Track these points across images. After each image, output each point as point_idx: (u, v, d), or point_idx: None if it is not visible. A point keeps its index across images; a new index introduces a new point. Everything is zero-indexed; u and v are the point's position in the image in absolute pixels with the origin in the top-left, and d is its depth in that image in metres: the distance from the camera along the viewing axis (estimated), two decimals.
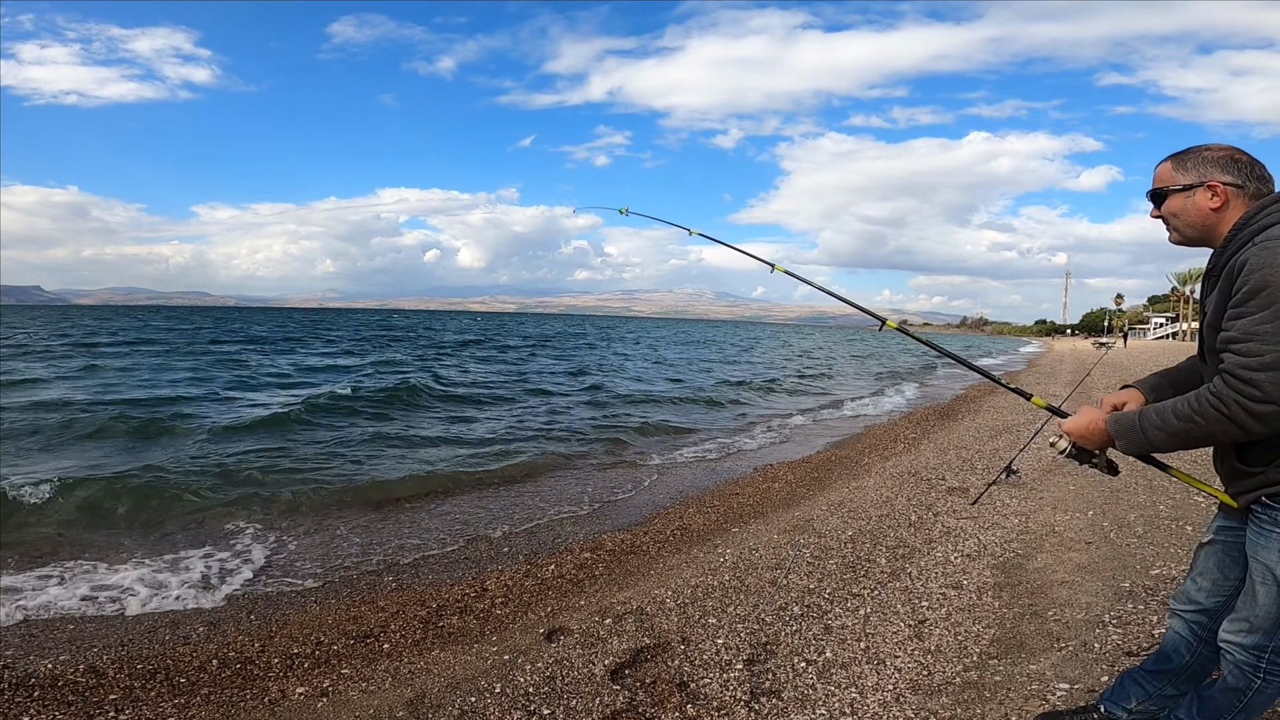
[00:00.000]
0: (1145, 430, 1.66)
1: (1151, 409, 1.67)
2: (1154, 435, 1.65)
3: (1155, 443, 1.65)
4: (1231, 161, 1.68)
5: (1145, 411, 1.68)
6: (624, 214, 4.05)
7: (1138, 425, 1.68)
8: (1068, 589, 3.49)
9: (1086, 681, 2.56)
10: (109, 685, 2.98)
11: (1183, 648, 1.98)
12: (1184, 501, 4.99)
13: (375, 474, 6.87)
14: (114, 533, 5.06)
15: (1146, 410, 1.68)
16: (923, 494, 5.72)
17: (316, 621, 3.62)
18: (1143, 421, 1.67)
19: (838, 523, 4.92)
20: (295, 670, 3.12)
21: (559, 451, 8.29)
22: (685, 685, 2.74)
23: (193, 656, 3.23)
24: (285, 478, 6.56)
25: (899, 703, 2.54)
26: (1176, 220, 1.75)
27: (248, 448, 7.87)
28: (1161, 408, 1.65)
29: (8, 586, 3.97)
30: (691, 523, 5.35)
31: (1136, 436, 1.68)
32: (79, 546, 4.70)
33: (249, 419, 9.74)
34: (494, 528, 5.31)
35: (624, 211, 4.04)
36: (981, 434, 9.02)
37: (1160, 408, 1.65)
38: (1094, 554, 4.01)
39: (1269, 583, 1.64)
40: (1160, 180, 1.77)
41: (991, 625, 3.15)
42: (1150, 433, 1.65)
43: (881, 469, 7.06)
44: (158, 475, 6.38)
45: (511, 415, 11.02)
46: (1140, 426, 1.67)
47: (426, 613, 3.69)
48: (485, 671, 2.91)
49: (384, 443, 8.53)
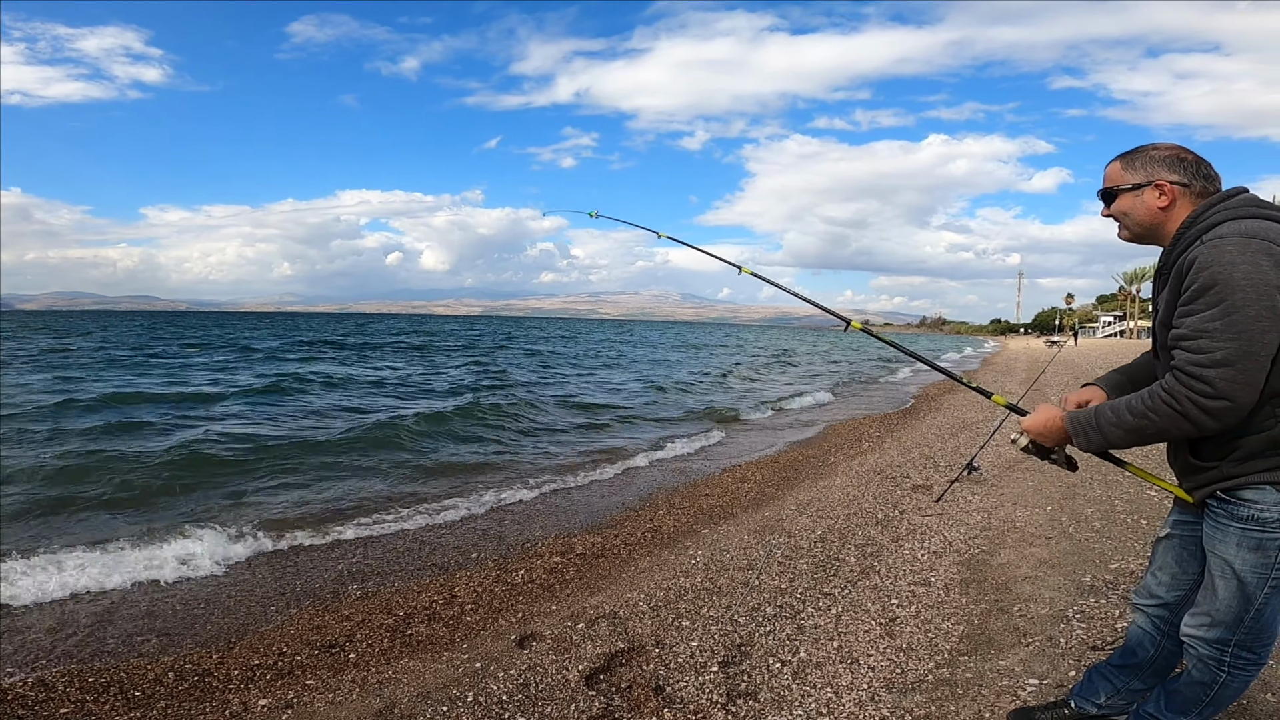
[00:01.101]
0: (1102, 427, 1.68)
1: (1107, 406, 1.69)
2: (1110, 432, 1.67)
3: (1112, 439, 1.67)
4: (1178, 160, 1.71)
5: (1101, 409, 1.70)
6: (593, 217, 4.04)
7: (1094, 423, 1.70)
8: (1031, 584, 3.56)
9: (1055, 676, 2.61)
10: (59, 699, 2.85)
11: (1146, 642, 2.02)
12: (1138, 496, 5.15)
13: (338, 479, 6.70)
14: (54, 539, 4.82)
15: (1102, 408, 1.70)
16: (888, 492, 5.81)
17: (278, 632, 3.50)
18: (1099, 419, 1.69)
19: (807, 522, 4.96)
20: (257, 682, 3.01)
21: (522, 455, 8.21)
22: (661, 689, 2.72)
23: (147, 669, 3.10)
24: (243, 483, 6.36)
25: (874, 701, 2.56)
26: (1126, 219, 1.78)
27: (198, 450, 7.61)
28: (1116, 405, 1.67)
29: None
30: (662, 525, 5.33)
31: (1093, 434, 1.70)
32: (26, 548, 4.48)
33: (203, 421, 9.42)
34: (461, 533, 5.22)
35: (594, 215, 4.02)
36: (943, 431, 9.21)
37: (1115, 405, 1.67)
38: (1054, 549, 4.11)
39: (1228, 576, 1.68)
40: (1110, 180, 1.80)
41: (960, 622, 3.20)
42: (1106, 430, 1.67)
43: (848, 468, 7.15)
44: (110, 480, 6.11)
45: (472, 419, 10.86)
46: (1096, 424, 1.69)
47: (394, 621, 3.60)
48: (457, 680, 2.85)
49: (341, 446, 8.33)
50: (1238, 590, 1.67)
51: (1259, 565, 1.64)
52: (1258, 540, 1.62)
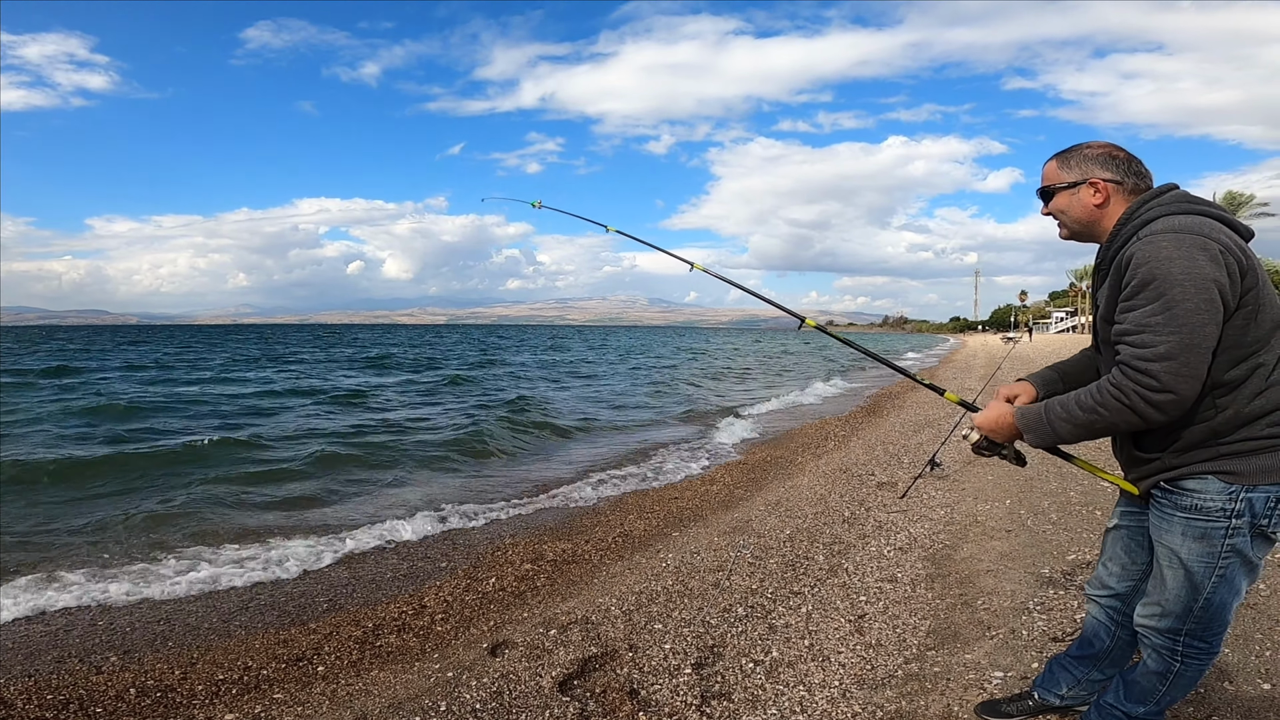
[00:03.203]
0: (1052, 423, 1.71)
1: (1056, 402, 1.73)
2: (1060, 427, 1.70)
3: (1062, 434, 1.71)
4: (1110, 158, 1.76)
5: (1051, 404, 1.73)
6: (536, 207, 3.75)
7: (1044, 418, 1.73)
8: (993, 578, 3.66)
9: (1019, 669, 2.69)
10: (19, 716, 2.77)
11: (1102, 632, 2.08)
12: (1092, 487, 5.33)
13: (300, 490, 6.57)
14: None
15: (1052, 403, 1.73)
16: (854, 490, 5.91)
17: (243, 646, 3.42)
18: (1049, 414, 1.72)
19: (776, 522, 5.02)
20: (222, 696, 2.94)
21: (490, 463, 8.14)
22: (636, 693, 2.72)
23: (108, 685, 3.01)
24: (202, 495, 6.19)
25: (846, 698, 2.60)
26: (1064, 216, 1.83)
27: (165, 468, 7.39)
28: (1065, 400, 1.70)
29: None
30: (632, 528, 5.34)
31: (1043, 429, 1.73)
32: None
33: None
34: (430, 543, 5.16)
35: (537, 205, 3.77)
36: (906, 429, 9.40)
37: (1064, 400, 1.71)
38: (1014, 542, 4.23)
39: (1175, 566, 1.72)
40: (1047, 179, 1.84)
41: (927, 617, 3.27)
42: (1057, 425, 1.71)
43: (814, 467, 7.25)
44: None
45: (432, 424, 10.73)
46: (1047, 419, 1.73)
47: (362, 632, 3.54)
48: (429, 690, 2.82)
49: (307, 459, 8.17)
50: (1185, 580, 1.71)
51: (1205, 554, 1.68)
52: (1202, 530, 1.67)
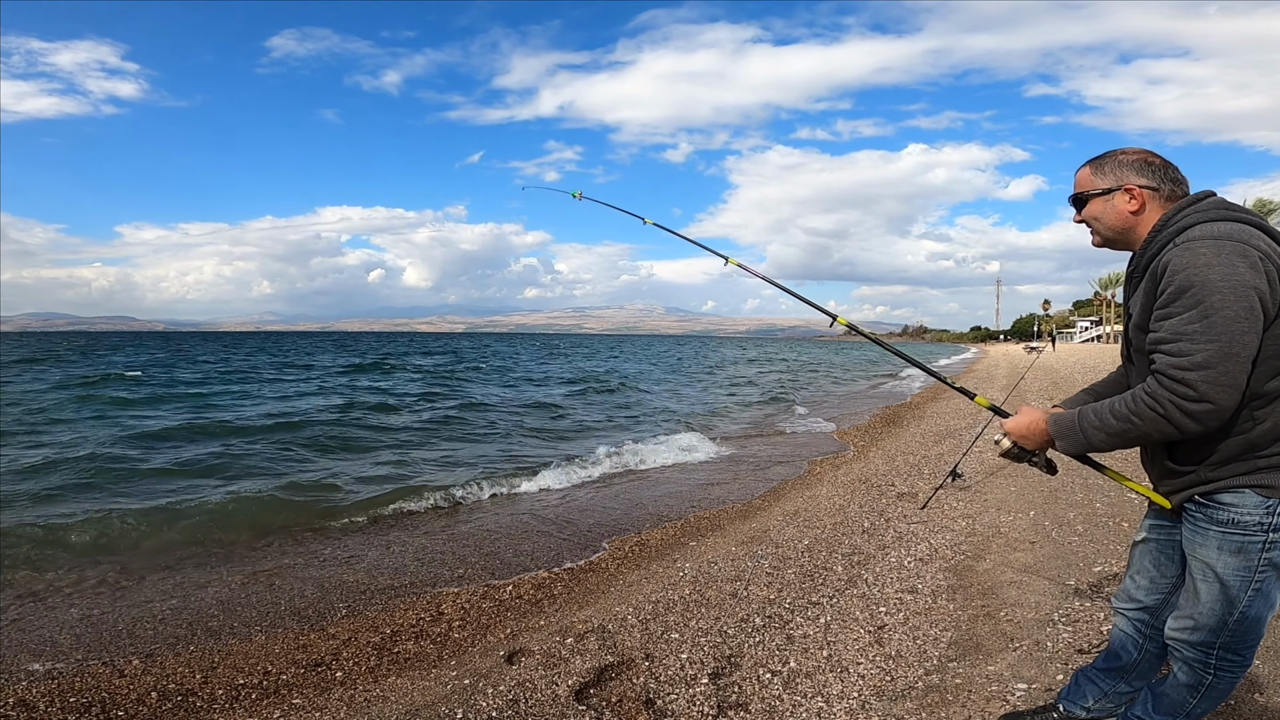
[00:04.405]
0: (1085, 430, 1.69)
1: (1090, 409, 1.69)
2: (1093, 435, 1.67)
3: (1094, 443, 1.68)
4: (1145, 164, 1.73)
5: (1084, 412, 1.70)
6: (577, 198, 3.79)
7: (1077, 425, 1.70)
8: (1017, 589, 3.60)
9: (1043, 680, 2.64)
10: (41, 718, 2.80)
11: (1129, 645, 2.03)
12: (1119, 499, 5.22)
13: (321, 498, 6.62)
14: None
15: (1085, 410, 1.70)
16: (874, 500, 5.84)
17: (263, 651, 3.44)
18: (1082, 422, 1.69)
19: (794, 532, 4.97)
20: (242, 701, 2.96)
21: (506, 472, 8.15)
22: (652, 702, 2.70)
23: (130, 689, 3.05)
24: (223, 499, 6.27)
25: (865, 710, 2.56)
26: (1097, 224, 1.80)
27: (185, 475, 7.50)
28: (1099, 408, 1.67)
29: None
30: (649, 538, 5.32)
31: (1076, 437, 1.71)
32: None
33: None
34: (447, 550, 5.18)
35: (577, 195, 3.82)
36: (926, 439, 9.29)
37: (1098, 408, 1.68)
38: (1038, 553, 4.15)
39: (1209, 580, 1.68)
40: (1080, 185, 1.82)
41: (948, 628, 3.22)
42: (1090, 433, 1.68)
43: (833, 477, 7.18)
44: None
45: (451, 435, 10.79)
46: (1080, 427, 1.70)
47: (380, 639, 3.56)
48: (445, 697, 2.82)
49: (323, 468, 8.24)
50: (1220, 593, 1.67)
51: (1241, 568, 1.64)
52: (1239, 544, 1.63)
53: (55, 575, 4.51)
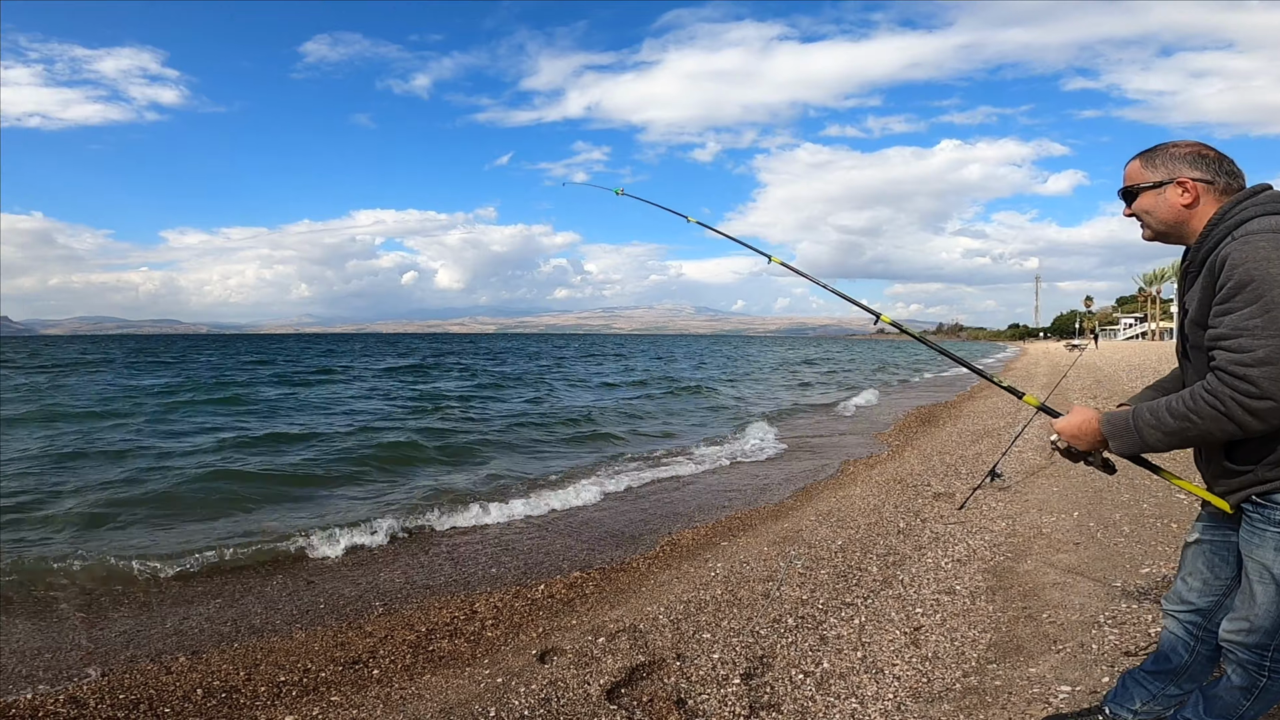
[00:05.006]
0: (1140, 430, 1.64)
1: (1145, 408, 1.65)
2: (1149, 435, 1.63)
3: (1150, 442, 1.63)
4: (1199, 157, 1.69)
5: (1139, 411, 1.66)
6: (619, 195, 3.89)
7: (1132, 425, 1.66)
8: (1060, 591, 3.50)
9: (1088, 683, 2.56)
10: (91, 716, 2.89)
11: (1180, 647, 1.98)
12: (1167, 499, 5.05)
13: (352, 500, 6.75)
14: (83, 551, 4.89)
15: (1141, 409, 1.66)
16: (909, 500, 5.74)
17: (303, 648, 3.52)
18: (1137, 421, 1.65)
19: (827, 532, 4.91)
20: (283, 698, 3.02)
21: (537, 472, 8.20)
22: (683, 702, 2.69)
23: (176, 686, 3.13)
24: (267, 500, 6.43)
25: (900, 711, 2.52)
26: (1149, 217, 1.76)
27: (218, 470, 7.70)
28: (1155, 407, 1.63)
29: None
30: (680, 538, 5.31)
31: (1130, 437, 1.66)
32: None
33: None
34: (480, 549, 5.23)
35: (619, 192, 3.90)
36: (963, 439, 9.10)
37: (1154, 407, 1.63)
38: (1083, 555, 4.04)
39: (1266, 581, 1.64)
40: (1130, 179, 1.78)
41: (987, 630, 3.15)
42: (1145, 432, 1.63)
43: (867, 477, 7.08)
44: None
45: (479, 432, 10.89)
46: (1135, 427, 1.65)
47: (415, 637, 3.60)
48: (479, 695, 2.84)
49: (348, 467, 8.37)
50: (1277, 595, 1.63)
51: None
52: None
53: (110, 573, 4.66)
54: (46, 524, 5.68)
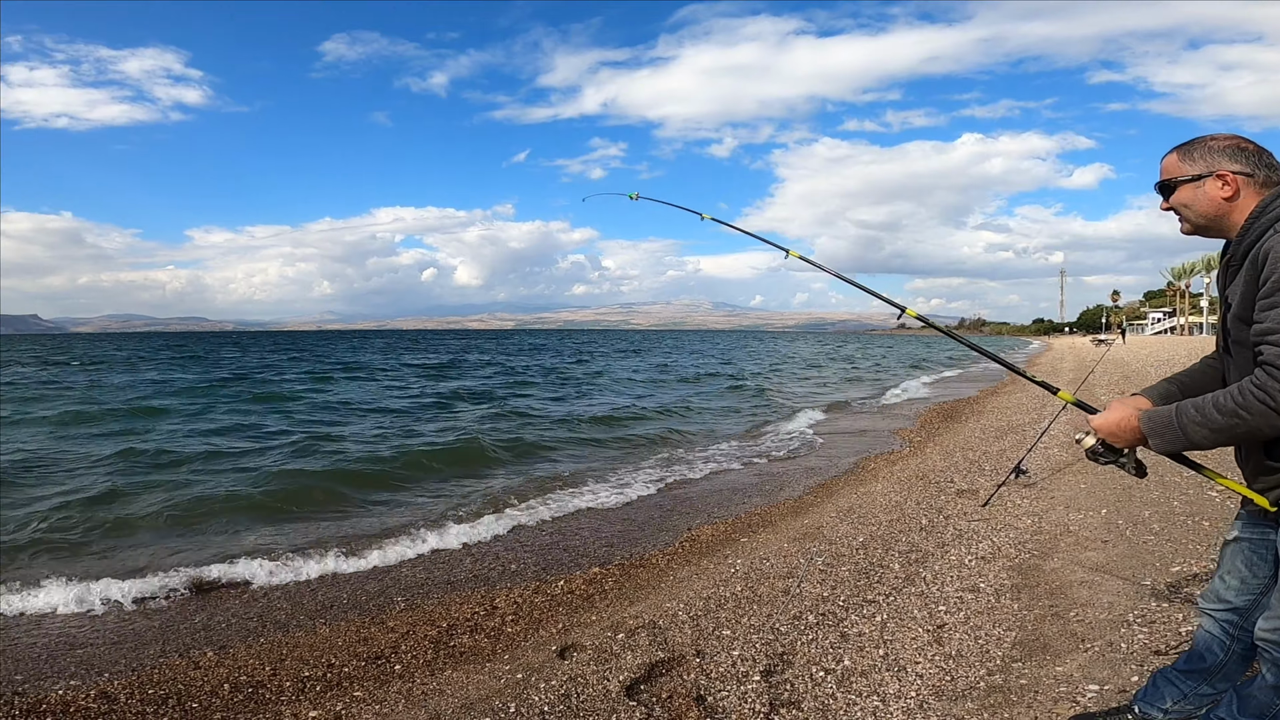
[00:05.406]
0: (1184, 427, 1.57)
1: (1189, 404, 1.59)
2: (1193, 432, 1.56)
3: (1194, 439, 1.57)
4: (1238, 150, 1.66)
5: (1183, 407, 1.59)
6: (634, 199, 3.90)
7: (1175, 422, 1.59)
8: (1088, 589, 3.43)
9: (1116, 682, 2.51)
10: (121, 711, 2.94)
11: (1215, 646, 1.93)
12: (1199, 496, 4.94)
13: (373, 495, 6.82)
14: (112, 555, 4.99)
15: (1184, 405, 1.59)
16: (932, 497, 5.67)
17: (326, 643, 3.56)
18: (1181, 417, 1.58)
19: (848, 529, 4.87)
20: (307, 694, 3.06)
21: (558, 469, 8.22)
22: (702, 699, 2.68)
23: (204, 680, 3.18)
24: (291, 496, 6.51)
25: (923, 709, 2.49)
26: (1188, 211, 1.72)
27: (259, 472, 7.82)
28: (1200, 403, 1.57)
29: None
30: (700, 534, 5.30)
31: (1173, 433, 1.59)
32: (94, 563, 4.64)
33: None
34: (499, 546, 5.25)
35: (634, 197, 3.87)
36: (987, 435, 8.98)
37: (1199, 403, 1.57)
38: (1111, 553, 3.96)
39: None
40: (1168, 172, 1.74)
41: (1012, 628, 3.10)
42: (1189, 429, 1.56)
43: (889, 473, 7.01)
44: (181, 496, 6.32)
45: (495, 431, 10.92)
46: (1179, 424, 1.58)
47: (437, 632, 3.63)
48: (499, 691, 2.86)
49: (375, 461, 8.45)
50: None
51: None
52: None
53: (147, 562, 4.76)
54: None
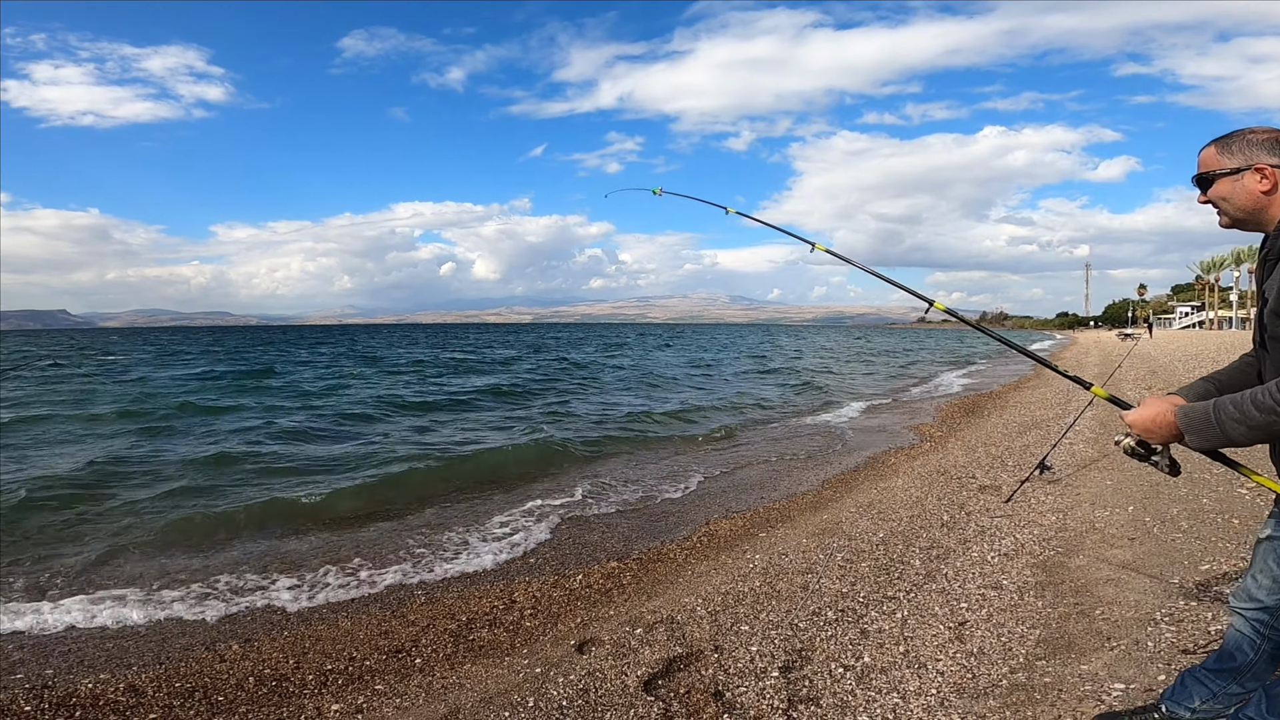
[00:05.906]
0: (1222, 423, 1.53)
1: (1227, 400, 1.54)
2: (1231, 428, 1.52)
3: (1232, 436, 1.52)
4: (1277, 144, 1.63)
5: (1221, 403, 1.55)
6: (658, 194, 3.92)
7: (1212, 418, 1.55)
8: (1114, 587, 3.38)
9: (1143, 681, 2.46)
10: (149, 704, 2.99)
11: (1245, 645, 1.90)
12: (1228, 494, 4.84)
13: (394, 484, 6.88)
14: (143, 560, 5.09)
15: (1222, 401, 1.55)
16: (953, 493, 5.61)
17: (348, 637, 3.60)
18: (1219, 413, 1.54)
19: (868, 525, 4.83)
20: (330, 687, 3.10)
21: (575, 466, 8.24)
22: (720, 695, 2.68)
23: (229, 674, 3.23)
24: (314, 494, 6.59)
25: (944, 707, 2.46)
26: (1225, 204, 1.69)
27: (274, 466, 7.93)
28: (1239, 399, 1.52)
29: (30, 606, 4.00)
30: (718, 529, 5.28)
31: (1211, 430, 1.55)
32: (122, 570, 4.74)
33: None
34: (518, 540, 5.28)
35: (658, 192, 3.92)
36: (1009, 430, 8.86)
37: (1237, 399, 1.52)
38: (1138, 550, 3.89)
39: None
40: (1205, 165, 1.72)
41: (1036, 626, 3.06)
42: (1227, 425, 1.52)
43: (909, 468, 6.94)
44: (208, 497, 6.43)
45: (510, 427, 10.97)
46: (1217, 420, 1.54)
47: (456, 626, 3.66)
48: (518, 685, 2.87)
49: (405, 455, 8.53)
50: None
51: None
52: None
53: (169, 561, 4.85)
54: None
